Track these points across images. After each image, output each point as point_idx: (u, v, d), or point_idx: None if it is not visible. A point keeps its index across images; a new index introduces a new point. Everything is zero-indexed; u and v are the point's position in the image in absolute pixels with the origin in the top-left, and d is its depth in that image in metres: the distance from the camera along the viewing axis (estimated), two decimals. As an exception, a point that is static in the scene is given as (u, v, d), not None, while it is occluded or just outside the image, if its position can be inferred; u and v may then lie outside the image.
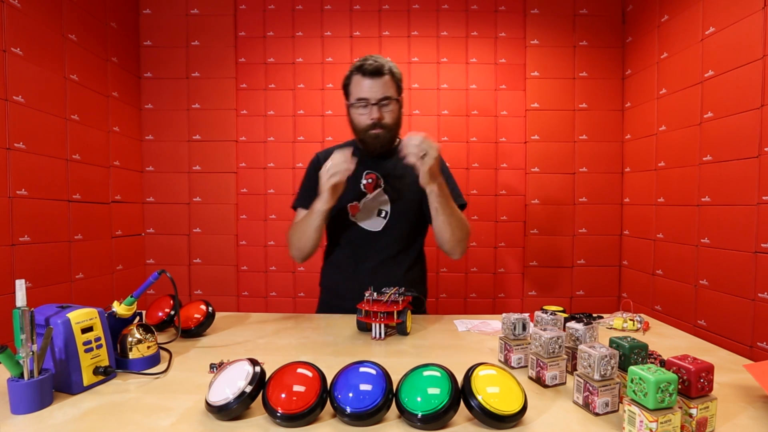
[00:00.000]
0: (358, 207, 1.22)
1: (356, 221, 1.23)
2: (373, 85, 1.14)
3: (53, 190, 1.56)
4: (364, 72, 1.14)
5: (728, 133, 1.43)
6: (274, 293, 2.20)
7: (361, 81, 1.15)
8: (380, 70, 1.14)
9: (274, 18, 2.16)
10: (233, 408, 0.60)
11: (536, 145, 2.14)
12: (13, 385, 0.62)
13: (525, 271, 2.18)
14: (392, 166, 1.24)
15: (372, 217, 1.22)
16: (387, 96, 1.15)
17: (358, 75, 1.16)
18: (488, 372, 0.64)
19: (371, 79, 1.14)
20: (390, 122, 1.18)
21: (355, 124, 1.20)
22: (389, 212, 1.22)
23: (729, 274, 1.42)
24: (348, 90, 1.20)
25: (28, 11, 1.46)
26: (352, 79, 1.18)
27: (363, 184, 1.23)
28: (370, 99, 1.14)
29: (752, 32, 1.34)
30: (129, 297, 0.82)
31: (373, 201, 1.22)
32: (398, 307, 0.96)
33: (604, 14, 2.12)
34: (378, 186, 1.23)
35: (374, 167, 1.24)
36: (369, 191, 1.23)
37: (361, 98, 1.15)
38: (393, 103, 1.17)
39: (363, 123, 1.17)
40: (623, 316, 1.11)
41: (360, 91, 1.15)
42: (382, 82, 1.15)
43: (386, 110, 1.16)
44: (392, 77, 1.17)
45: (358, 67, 1.16)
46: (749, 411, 0.65)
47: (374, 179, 1.23)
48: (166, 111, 2.15)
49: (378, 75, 1.14)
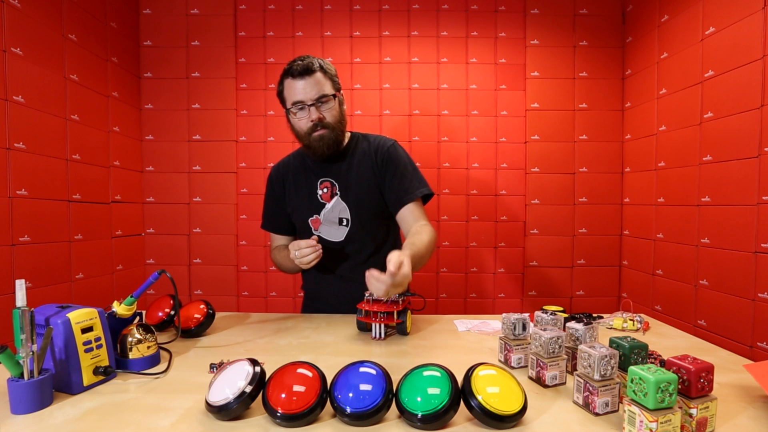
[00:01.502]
0: (320, 220, 1.18)
1: (320, 234, 1.19)
2: (306, 86, 1.08)
3: (53, 190, 1.56)
4: (294, 74, 1.08)
5: (728, 133, 1.43)
6: (274, 293, 2.20)
7: (293, 84, 1.09)
8: (310, 68, 1.08)
9: (274, 18, 2.16)
10: (233, 408, 0.60)
11: (536, 145, 2.14)
12: (13, 385, 0.62)
13: (525, 271, 2.18)
14: (345, 170, 1.18)
15: (334, 227, 1.18)
16: (323, 94, 1.09)
17: (289, 78, 1.10)
18: (488, 372, 0.64)
19: (303, 80, 1.08)
20: (332, 121, 1.12)
21: (297, 129, 1.14)
22: (350, 219, 1.17)
23: (729, 274, 1.42)
24: (282, 97, 1.14)
25: (28, 11, 1.46)
26: (284, 84, 1.12)
27: (319, 194, 1.18)
28: (305, 101, 1.09)
29: (752, 32, 1.34)
30: (129, 297, 0.82)
31: (332, 211, 1.17)
32: (398, 307, 0.96)
33: (604, 14, 2.12)
34: (335, 194, 1.18)
35: (327, 173, 1.19)
36: (327, 201, 1.18)
37: (297, 101, 1.09)
38: (331, 100, 1.11)
39: (304, 127, 1.11)
40: (623, 316, 1.11)
41: (294, 95, 1.09)
42: (314, 80, 1.08)
43: (325, 109, 1.11)
44: (324, 73, 1.11)
45: (287, 70, 1.10)
46: (749, 411, 0.65)
47: (329, 187, 1.18)
48: (166, 111, 2.15)
49: (308, 74, 1.08)
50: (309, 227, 1.20)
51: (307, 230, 1.22)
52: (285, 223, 1.27)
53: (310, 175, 1.21)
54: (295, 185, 1.22)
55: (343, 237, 1.18)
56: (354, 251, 1.19)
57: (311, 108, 1.09)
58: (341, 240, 1.18)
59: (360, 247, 1.19)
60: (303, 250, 1.05)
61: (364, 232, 1.18)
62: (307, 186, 1.20)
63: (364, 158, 1.19)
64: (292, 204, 1.23)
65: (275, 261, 1.29)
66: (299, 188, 1.21)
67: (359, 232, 1.18)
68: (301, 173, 1.22)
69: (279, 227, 1.28)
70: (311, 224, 1.20)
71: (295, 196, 1.22)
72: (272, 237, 1.33)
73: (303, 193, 1.20)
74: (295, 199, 1.22)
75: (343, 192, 1.17)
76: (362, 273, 1.03)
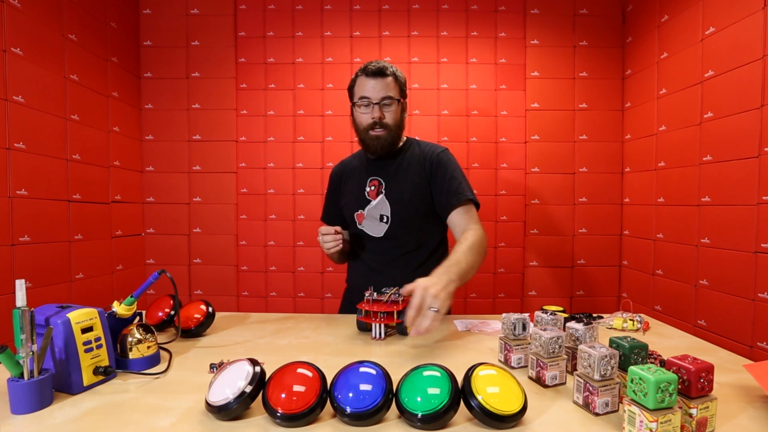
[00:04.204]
0: (363, 215, 1.24)
1: (363, 228, 1.25)
2: (376, 85, 1.16)
3: (53, 190, 1.56)
4: (368, 72, 1.16)
5: (728, 133, 1.43)
6: (274, 293, 2.20)
7: (365, 81, 1.17)
8: (383, 71, 1.16)
9: (274, 18, 2.16)
10: (233, 408, 0.60)
11: (536, 145, 2.14)
12: (13, 385, 0.62)
13: (525, 271, 2.18)
14: (394, 170, 1.24)
15: (375, 223, 1.24)
16: (389, 95, 1.16)
17: (362, 76, 1.18)
18: (488, 372, 0.64)
19: (374, 79, 1.16)
20: (391, 123, 1.18)
21: (357, 123, 1.21)
22: (389, 216, 1.22)
23: (729, 274, 1.42)
24: (352, 91, 1.22)
25: (28, 11, 1.46)
26: (356, 80, 1.20)
27: (367, 191, 1.25)
28: (372, 98, 1.16)
29: (752, 32, 1.34)
30: (129, 297, 0.82)
31: (375, 207, 1.23)
32: (398, 307, 0.96)
33: (604, 14, 2.12)
34: (380, 192, 1.24)
35: (377, 172, 1.25)
36: (372, 198, 1.24)
37: (364, 97, 1.17)
38: (394, 103, 1.17)
39: (364, 122, 1.18)
40: (623, 316, 1.11)
41: (362, 90, 1.17)
42: (385, 82, 1.16)
43: (387, 110, 1.17)
44: (395, 79, 1.19)
45: (362, 68, 1.18)
46: (749, 411, 0.65)
47: (377, 185, 1.25)
48: (166, 111, 2.15)
49: (381, 75, 1.16)
50: (354, 221, 1.27)
51: (352, 224, 1.29)
52: (339, 218, 1.35)
53: (363, 173, 1.28)
54: (349, 182, 1.31)
55: (382, 233, 1.23)
56: (391, 247, 1.24)
57: (375, 106, 1.16)
58: (380, 236, 1.24)
59: (397, 244, 1.24)
60: (324, 236, 1.16)
61: (403, 231, 1.22)
62: (358, 183, 1.28)
63: (413, 162, 1.25)
64: (344, 199, 1.31)
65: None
66: (351, 185, 1.30)
67: (398, 229, 1.22)
68: (355, 171, 1.31)
69: (333, 221, 1.34)
70: (356, 218, 1.26)
71: (347, 192, 1.31)
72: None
73: (354, 189, 1.28)
74: (347, 195, 1.30)
75: (388, 191, 1.23)
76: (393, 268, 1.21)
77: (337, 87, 2.15)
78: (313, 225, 2.17)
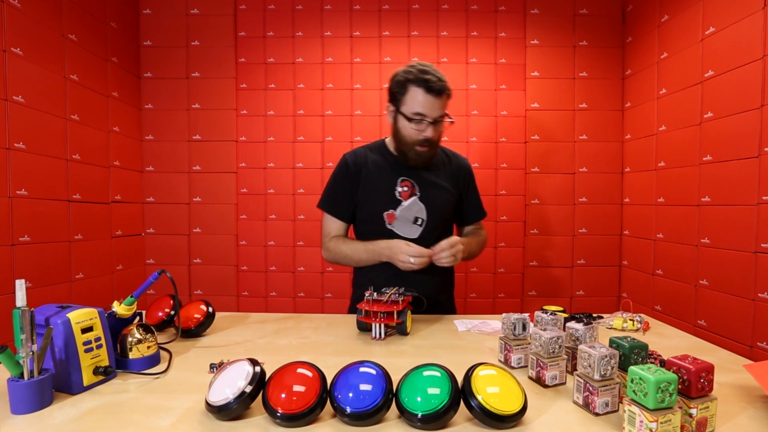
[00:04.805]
0: (395, 216, 1.22)
1: (392, 229, 1.23)
2: (435, 104, 1.11)
3: (53, 190, 1.56)
4: (430, 89, 1.10)
5: (728, 133, 1.43)
6: (274, 293, 2.20)
7: (424, 96, 1.11)
8: (444, 90, 1.11)
9: (274, 18, 2.16)
10: (233, 408, 0.60)
11: (536, 145, 2.14)
12: (13, 385, 0.62)
13: (525, 271, 2.18)
14: (425, 174, 1.24)
15: (408, 224, 1.23)
16: (443, 115, 1.15)
17: (421, 89, 1.11)
18: (488, 372, 0.64)
19: (434, 98, 1.11)
20: (437, 140, 1.18)
21: (403, 135, 1.17)
22: (425, 220, 1.23)
23: (729, 274, 1.42)
24: (401, 97, 1.15)
25: (28, 11, 1.46)
26: (409, 88, 1.13)
27: (398, 192, 1.23)
28: (429, 117, 1.12)
29: (752, 32, 1.34)
30: (129, 297, 0.82)
31: (408, 209, 1.22)
32: (398, 307, 0.96)
33: (604, 14, 2.12)
34: (414, 194, 1.23)
35: (407, 173, 1.24)
36: (404, 199, 1.22)
37: (420, 113, 1.12)
38: (445, 121, 1.17)
39: (413, 136, 1.15)
40: (623, 316, 1.11)
41: (418, 106, 1.12)
42: (442, 102, 1.12)
43: (437, 128, 1.16)
44: (449, 97, 1.15)
45: (422, 80, 1.10)
46: (749, 411, 0.65)
47: (410, 187, 1.23)
48: (166, 111, 2.15)
49: (441, 94, 1.11)
50: (381, 220, 1.22)
51: (377, 222, 1.23)
52: (349, 210, 1.27)
53: (390, 172, 1.24)
54: (372, 177, 1.24)
55: (416, 235, 1.22)
56: None
57: (430, 126, 1.13)
58: (414, 238, 1.22)
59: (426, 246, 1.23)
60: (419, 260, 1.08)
61: (434, 234, 1.24)
62: (386, 181, 1.23)
63: (443, 168, 1.29)
64: (367, 194, 1.24)
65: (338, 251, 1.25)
66: (378, 181, 1.24)
67: (430, 233, 1.23)
68: (381, 167, 1.25)
69: (342, 213, 1.27)
70: (386, 218, 1.22)
71: (372, 188, 1.24)
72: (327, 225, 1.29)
73: (382, 186, 1.23)
74: (372, 191, 1.24)
75: (423, 194, 1.23)
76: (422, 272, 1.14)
77: (337, 87, 2.15)
78: (313, 225, 2.17)
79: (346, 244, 1.25)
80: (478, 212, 1.36)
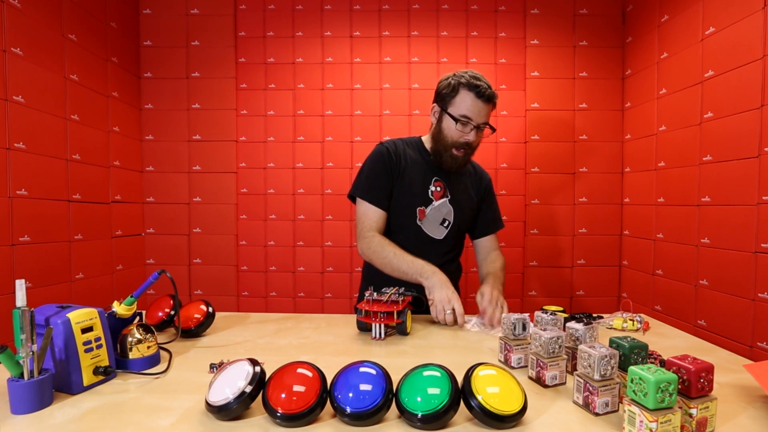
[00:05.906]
0: (425, 213, 1.23)
1: (421, 226, 1.24)
2: (483, 110, 1.15)
3: (53, 190, 1.56)
4: (481, 95, 1.13)
5: (728, 133, 1.43)
6: (274, 293, 2.20)
7: (474, 101, 1.14)
8: (493, 98, 1.16)
9: (274, 18, 2.16)
10: (233, 408, 0.60)
11: (536, 145, 2.14)
12: (13, 385, 0.62)
13: (525, 271, 2.18)
14: (455, 178, 1.28)
15: (435, 225, 1.25)
16: (487, 122, 1.18)
17: (471, 93, 1.14)
18: (488, 372, 0.64)
19: (484, 104, 1.14)
20: (475, 147, 1.21)
21: (445, 135, 1.19)
22: (452, 223, 1.26)
23: (729, 274, 1.42)
24: (449, 99, 1.17)
25: (28, 11, 1.46)
26: (460, 91, 1.15)
27: (431, 190, 1.25)
28: (475, 121, 1.15)
29: (752, 32, 1.34)
30: (129, 297, 0.82)
31: (438, 209, 1.24)
32: (398, 307, 0.96)
33: (604, 14, 2.12)
34: (445, 196, 1.25)
35: (439, 174, 1.26)
36: (436, 199, 1.25)
37: (467, 116, 1.15)
38: (487, 128, 1.19)
39: (455, 138, 1.17)
40: (623, 316, 1.11)
41: (467, 110, 1.14)
42: (489, 109, 1.16)
43: (479, 135, 1.19)
44: (494, 106, 1.19)
45: (474, 85, 1.13)
46: (749, 411, 0.65)
47: (443, 188, 1.25)
48: (166, 111, 2.15)
49: (490, 101, 1.15)
50: (413, 214, 1.23)
51: (409, 216, 1.22)
52: (387, 198, 1.22)
53: (426, 169, 1.26)
54: (408, 171, 1.24)
55: (442, 236, 1.26)
56: (443, 252, 1.28)
57: (474, 130, 1.17)
58: (439, 238, 1.26)
59: (447, 249, 1.29)
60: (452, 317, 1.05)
61: (457, 238, 1.30)
62: (421, 177, 1.25)
63: (468, 176, 1.34)
64: (404, 186, 1.22)
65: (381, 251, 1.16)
66: (412, 175, 1.24)
67: (453, 236, 1.28)
68: (416, 163, 1.26)
69: (381, 200, 1.21)
70: (418, 213, 1.24)
71: (409, 181, 1.23)
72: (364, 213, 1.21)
73: (418, 181, 1.24)
74: (408, 184, 1.23)
75: (453, 197, 1.26)
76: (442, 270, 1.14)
77: (337, 87, 2.15)
78: (313, 225, 2.17)
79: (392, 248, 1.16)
80: (497, 222, 1.39)
